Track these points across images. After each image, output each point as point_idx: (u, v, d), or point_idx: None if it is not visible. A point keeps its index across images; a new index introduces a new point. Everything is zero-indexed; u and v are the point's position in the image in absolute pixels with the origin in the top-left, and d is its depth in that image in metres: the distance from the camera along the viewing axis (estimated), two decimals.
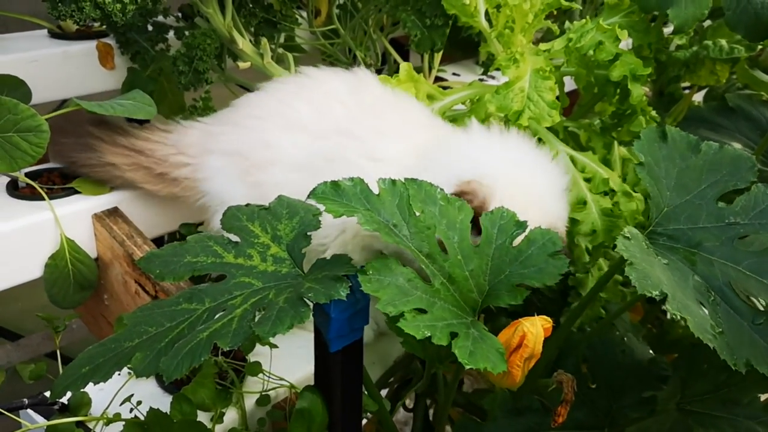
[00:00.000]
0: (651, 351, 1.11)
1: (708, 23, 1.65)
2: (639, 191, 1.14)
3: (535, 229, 0.84)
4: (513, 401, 1.00)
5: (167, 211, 1.29)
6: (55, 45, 1.43)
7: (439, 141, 1.07)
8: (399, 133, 1.08)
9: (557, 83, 1.14)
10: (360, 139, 1.07)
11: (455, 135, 1.09)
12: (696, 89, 1.73)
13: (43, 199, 1.14)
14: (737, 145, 1.36)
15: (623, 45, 1.16)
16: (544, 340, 0.80)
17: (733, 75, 1.66)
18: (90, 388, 0.76)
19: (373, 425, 1.19)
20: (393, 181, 0.82)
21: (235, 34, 1.35)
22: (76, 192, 1.20)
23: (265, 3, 1.45)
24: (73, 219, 1.16)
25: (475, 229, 0.83)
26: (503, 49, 1.20)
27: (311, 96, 1.15)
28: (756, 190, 0.88)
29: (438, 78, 1.75)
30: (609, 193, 1.13)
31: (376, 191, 0.82)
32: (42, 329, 1.77)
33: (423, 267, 0.79)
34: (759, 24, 1.16)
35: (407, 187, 0.82)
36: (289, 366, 1.06)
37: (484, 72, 1.90)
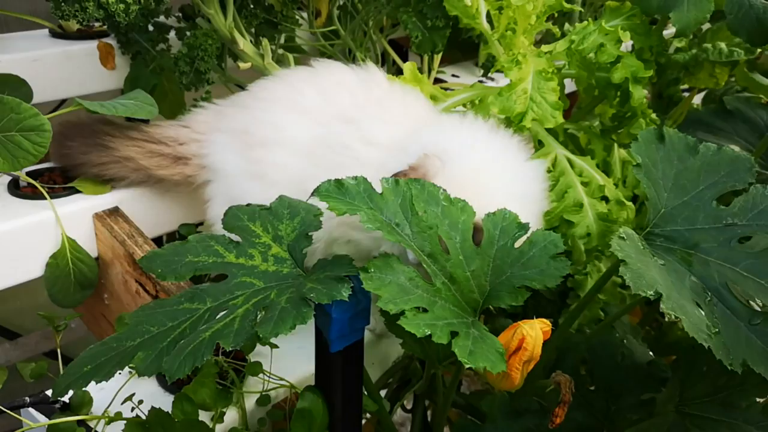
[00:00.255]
0: (650, 353, 1.11)
1: (707, 26, 1.65)
2: (639, 193, 1.14)
3: (537, 231, 0.84)
4: (511, 403, 1.00)
5: (168, 211, 1.30)
6: (56, 45, 1.44)
7: (424, 126, 1.08)
8: (398, 122, 1.09)
9: (558, 85, 1.14)
10: (358, 124, 1.08)
11: (435, 120, 1.11)
12: (695, 92, 1.73)
13: (45, 199, 1.14)
14: (735, 148, 1.35)
15: (624, 47, 1.17)
16: (542, 342, 0.80)
17: (732, 78, 1.67)
18: (91, 387, 0.76)
19: (372, 425, 1.19)
20: (396, 181, 0.82)
21: (236, 34, 1.35)
22: (77, 191, 1.20)
23: (266, 4, 1.45)
24: (74, 218, 1.16)
25: None
26: (505, 51, 1.21)
27: (322, 84, 1.16)
28: (754, 191, 0.88)
29: (437, 80, 1.75)
30: (605, 198, 1.13)
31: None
32: (40, 328, 1.77)
33: (425, 266, 0.79)
34: (760, 28, 1.16)
35: (410, 187, 0.82)
36: (289, 366, 1.06)
37: (483, 74, 1.90)
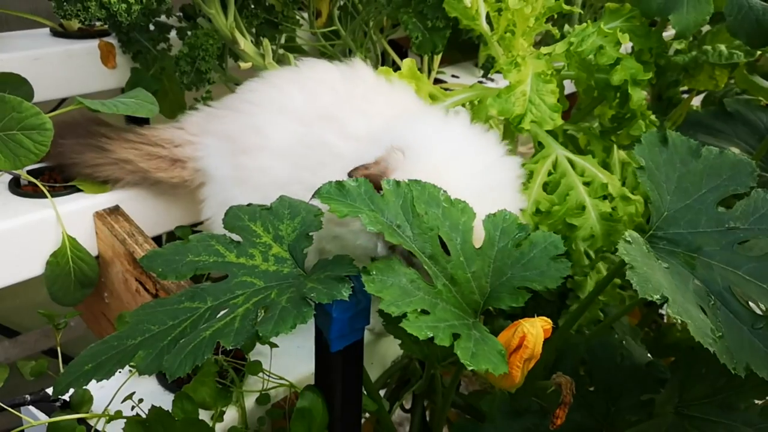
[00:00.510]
0: (649, 354, 1.12)
1: (707, 28, 1.66)
2: (638, 195, 1.14)
3: (538, 232, 0.84)
4: (511, 403, 1.00)
5: (168, 210, 1.30)
6: (57, 43, 1.44)
7: (402, 118, 1.07)
8: (380, 115, 1.08)
9: (557, 86, 1.14)
10: (338, 120, 1.07)
11: (416, 113, 1.10)
12: (695, 93, 1.73)
13: (45, 197, 1.14)
14: (736, 150, 1.36)
15: (623, 49, 1.17)
16: (543, 341, 0.80)
17: (731, 80, 1.67)
18: (91, 385, 0.76)
19: (371, 424, 1.19)
20: (397, 182, 0.82)
21: (237, 34, 1.35)
22: (77, 190, 1.20)
23: (267, 4, 1.45)
24: (75, 217, 1.16)
25: None
26: (504, 53, 1.21)
27: (305, 83, 1.16)
28: (756, 195, 0.88)
29: (437, 80, 1.75)
30: (608, 197, 1.13)
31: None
32: (39, 326, 1.77)
33: (426, 268, 0.80)
34: (760, 30, 1.16)
35: (411, 188, 0.82)
36: (289, 365, 1.06)
37: (483, 74, 1.91)
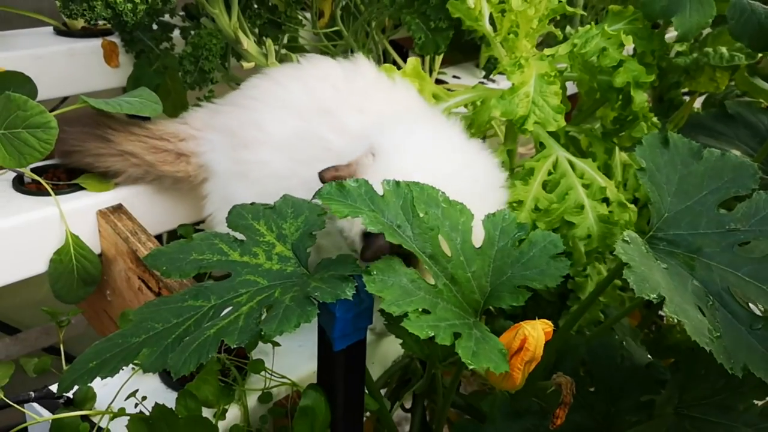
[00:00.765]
0: (648, 355, 1.12)
1: (708, 31, 1.66)
2: (640, 196, 1.14)
3: (537, 232, 0.84)
4: (512, 403, 1.00)
5: (170, 208, 1.30)
6: (61, 42, 1.44)
7: (388, 116, 1.07)
8: (377, 112, 1.08)
9: (560, 88, 1.15)
10: (334, 115, 1.08)
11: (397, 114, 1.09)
12: (696, 95, 1.74)
13: (49, 195, 1.14)
14: (737, 152, 1.36)
15: (625, 51, 1.17)
16: (544, 343, 0.80)
17: (732, 82, 1.67)
18: (94, 382, 0.76)
19: (371, 423, 1.20)
20: (397, 183, 0.82)
21: (240, 34, 1.35)
22: (81, 188, 1.20)
23: (270, 4, 1.46)
24: (78, 215, 1.17)
25: None
26: (507, 54, 1.21)
27: (307, 79, 1.17)
28: (757, 197, 0.88)
29: (439, 80, 1.75)
30: (606, 200, 1.14)
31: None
32: (40, 323, 1.77)
33: (426, 268, 0.80)
34: (762, 33, 1.17)
35: (411, 189, 0.82)
36: (291, 364, 1.07)
37: (485, 75, 1.91)
